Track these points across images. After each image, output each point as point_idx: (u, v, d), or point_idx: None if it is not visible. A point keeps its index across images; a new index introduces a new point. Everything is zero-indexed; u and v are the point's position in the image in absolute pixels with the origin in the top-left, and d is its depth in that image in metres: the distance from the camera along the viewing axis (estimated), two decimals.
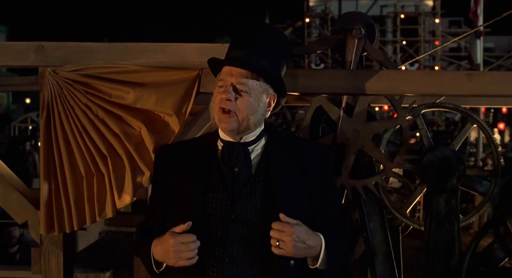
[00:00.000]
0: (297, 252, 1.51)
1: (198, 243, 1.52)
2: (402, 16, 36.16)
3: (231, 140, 1.63)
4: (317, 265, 1.56)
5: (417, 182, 2.54)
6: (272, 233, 1.50)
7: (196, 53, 1.82)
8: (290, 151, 1.67)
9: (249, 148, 1.63)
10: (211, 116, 1.64)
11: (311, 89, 2.03)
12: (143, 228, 1.73)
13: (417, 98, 2.40)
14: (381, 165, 2.27)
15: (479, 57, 11.09)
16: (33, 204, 1.89)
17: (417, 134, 2.41)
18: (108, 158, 1.81)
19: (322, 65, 39.37)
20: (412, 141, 2.68)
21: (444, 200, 2.37)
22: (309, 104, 2.23)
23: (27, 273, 2.31)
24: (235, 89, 1.57)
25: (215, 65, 1.64)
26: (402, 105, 2.20)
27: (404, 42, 36.18)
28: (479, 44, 11.11)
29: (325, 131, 2.35)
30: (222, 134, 1.65)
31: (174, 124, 1.83)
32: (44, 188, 1.82)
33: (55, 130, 1.82)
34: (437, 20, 36.33)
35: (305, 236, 1.52)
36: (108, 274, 2.61)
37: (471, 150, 15.79)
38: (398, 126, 2.24)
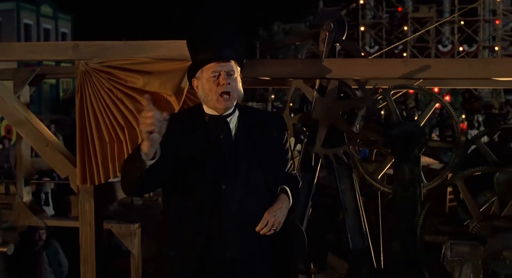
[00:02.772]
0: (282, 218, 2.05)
1: (156, 116, 1.79)
2: None
3: (215, 113, 2.11)
4: None
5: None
6: (265, 230, 1.99)
7: None
8: (256, 119, 2.15)
9: (228, 119, 2.14)
10: (203, 99, 2.12)
11: (289, 75, 2.52)
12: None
13: (392, 82, 2.83)
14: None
15: None
16: (72, 163, 2.52)
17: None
18: (125, 128, 2.40)
19: (376, 47, 38.85)
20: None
21: (408, 167, 2.79)
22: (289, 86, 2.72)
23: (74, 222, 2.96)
24: (228, 75, 2.08)
25: (204, 62, 2.06)
26: (367, 86, 2.64)
27: (462, 22, 35.03)
28: None
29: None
30: (206, 109, 2.11)
31: (174, 103, 2.38)
32: (80, 151, 2.44)
33: (86, 108, 2.43)
34: None
35: (283, 212, 2.05)
36: (136, 225, 3.22)
37: None
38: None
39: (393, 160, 2.82)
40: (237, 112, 2.15)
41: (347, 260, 2.99)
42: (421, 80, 2.95)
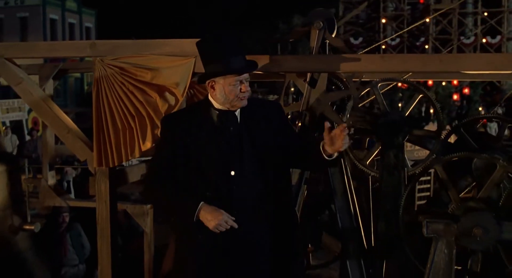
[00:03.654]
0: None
1: (231, 223, 2.23)
2: None
3: (224, 108, 2.38)
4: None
5: None
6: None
7: (191, 46, 2.65)
8: (257, 109, 2.44)
9: (235, 112, 2.40)
10: (220, 98, 2.30)
11: (283, 69, 2.80)
12: (154, 178, 2.36)
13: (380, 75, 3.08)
14: None
15: None
16: (89, 148, 2.86)
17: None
18: (135, 117, 2.72)
19: (398, 40, 38.59)
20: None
21: (393, 154, 3.05)
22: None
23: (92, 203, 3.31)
24: (246, 82, 2.32)
25: (232, 71, 2.27)
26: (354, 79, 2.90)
27: (485, 14, 34.51)
28: None
29: None
30: (216, 105, 2.36)
31: (178, 94, 2.69)
32: (96, 137, 2.77)
33: (102, 99, 2.76)
34: None
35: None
36: (149, 206, 3.56)
37: None
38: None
39: (380, 147, 3.09)
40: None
41: (340, 240, 3.28)
42: (410, 74, 3.21)
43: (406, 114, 3.07)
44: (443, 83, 20.22)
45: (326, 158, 2.30)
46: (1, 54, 2.89)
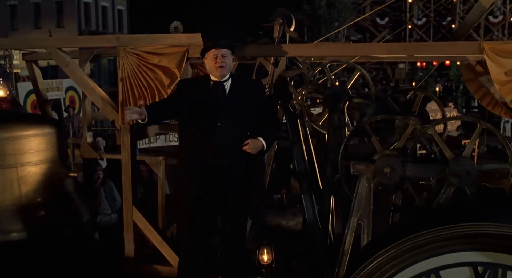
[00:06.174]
0: (254, 150, 3.48)
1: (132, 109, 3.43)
2: None
3: (217, 80, 3.53)
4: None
5: None
6: (246, 147, 3.44)
7: (186, 38, 3.78)
8: (243, 84, 3.58)
9: (224, 83, 3.55)
10: (208, 70, 3.50)
11: (256, 54, 3.90)
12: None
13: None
14: None
15: None
16: (116, 111, 4.04)
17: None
18: (148, 89, 3.87)
19: (424, 19, 38.64)
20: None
21: (337, 116, 4.10)
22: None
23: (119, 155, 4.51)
24: (223, 57, 3.48)
25: (209, 48, 3.46)
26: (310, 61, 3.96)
27: None
28: None
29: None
30: (212, 77, 3.53)
31: (177, 72, 3.83)
32: (120, 103, 3.94)
33: (124, 76, 3.91)
34: None
35: (257, 147, 3.48)
36: (162, 158, 4.73)
37: None
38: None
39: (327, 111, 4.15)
40: (230, 80, 3.58)
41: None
42: (357, 57, 4.25)
43: (348, 86, 4.11)
44: (458, 63, 20.76)
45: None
46: (54, 45, 4.09)
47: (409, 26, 38.47)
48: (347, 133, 4.11)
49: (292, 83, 4.08)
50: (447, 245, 2.74)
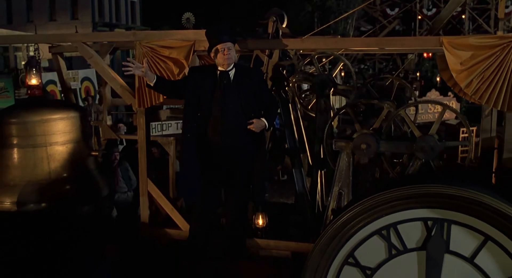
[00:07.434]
0: (258, 129, 4.11)
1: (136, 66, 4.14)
2: None
3: (223, 69, 4.18)
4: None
5: None
6: (251, 126, 4.08)
7: (193, 34, 4.42)
8: (246, 73, 4.21)
9: (229, 72, 4.18)
10: (217, 61, 4.13)
11: (253, 47, 4.53)
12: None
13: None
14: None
15: None
16: (132, 96, 4.70)
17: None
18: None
19: (434, 10, 38.69)
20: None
21: (323, 100, 4.72)
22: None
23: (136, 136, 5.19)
24: (228, 49, 4.12)
25: (215, 44, 4.10)
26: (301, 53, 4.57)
27: None
28: None
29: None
30: (219, 67, 4.16)
31: (185, 63, 4.47)
32: (137, 89, 4.60)
33: None
34: None
35: (261, 126, 4.11)
36: (172, 138, 5.40)
37: None
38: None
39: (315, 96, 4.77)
40: (234, 69, 4.21)
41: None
42: (343, 49, 4.86)
43: (333, 75, 4.73)
44: None
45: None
46: (80, 40, 4.76)
47: (419, 17, 38.58)
48: (331, 115, 4.74)
49: (284, 72, 4.71)
50: (403, 204, 3.35)
